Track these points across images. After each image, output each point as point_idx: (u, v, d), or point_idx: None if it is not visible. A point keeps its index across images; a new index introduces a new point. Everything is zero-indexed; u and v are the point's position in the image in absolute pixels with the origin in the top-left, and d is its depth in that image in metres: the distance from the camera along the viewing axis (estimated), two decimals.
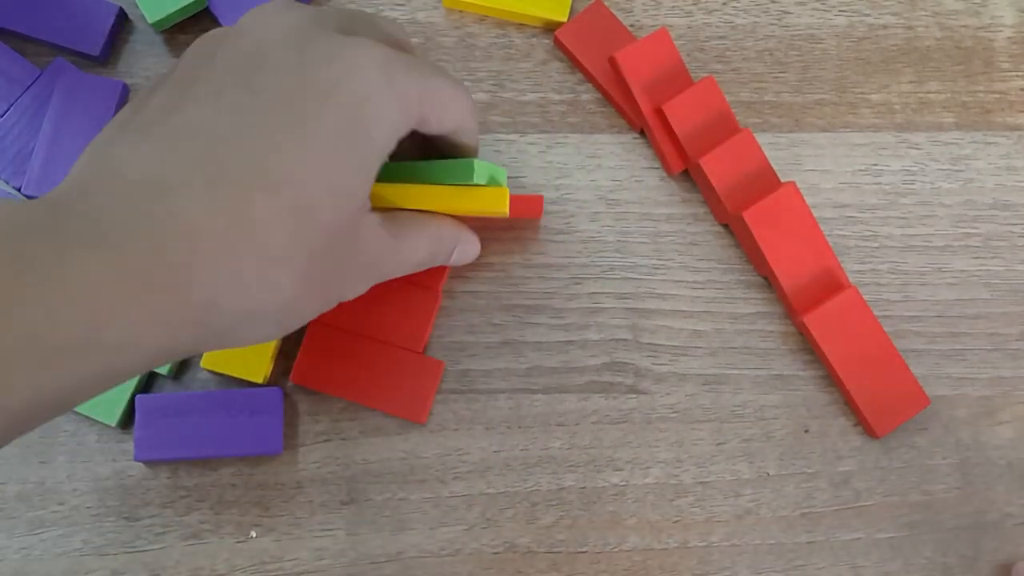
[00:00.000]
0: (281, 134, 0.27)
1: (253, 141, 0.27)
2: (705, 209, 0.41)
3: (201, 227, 0.26)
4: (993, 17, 0.44)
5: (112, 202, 0.26)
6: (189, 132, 0.27)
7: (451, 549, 0.37)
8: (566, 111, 0.42)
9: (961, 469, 0.39)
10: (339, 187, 0.28)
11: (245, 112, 0.28)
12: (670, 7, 0.43)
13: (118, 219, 0.26)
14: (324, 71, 0.28)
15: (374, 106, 0.29)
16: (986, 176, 0.42)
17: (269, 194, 0.27)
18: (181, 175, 0.26)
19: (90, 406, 0.37)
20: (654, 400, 0.39)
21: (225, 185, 0.27)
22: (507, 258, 0.40)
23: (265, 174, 0.27)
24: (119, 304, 0.25)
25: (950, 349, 0.40)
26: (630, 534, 0.38)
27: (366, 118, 0.29)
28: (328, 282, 0.30)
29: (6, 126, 0.39)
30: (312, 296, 0.30)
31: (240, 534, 0.37)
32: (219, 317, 0.27)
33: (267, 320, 0.29)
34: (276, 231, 0.27)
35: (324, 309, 0.31)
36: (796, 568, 0.38)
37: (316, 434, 0.38)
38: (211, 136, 0.27)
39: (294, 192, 0.27)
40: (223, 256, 0.26)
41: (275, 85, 0.28)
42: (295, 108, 0.28)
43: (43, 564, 0.36)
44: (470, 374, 0.39)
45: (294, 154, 0.27)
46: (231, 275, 0.27)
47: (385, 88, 0.29)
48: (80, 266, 0.24)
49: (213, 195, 0.26)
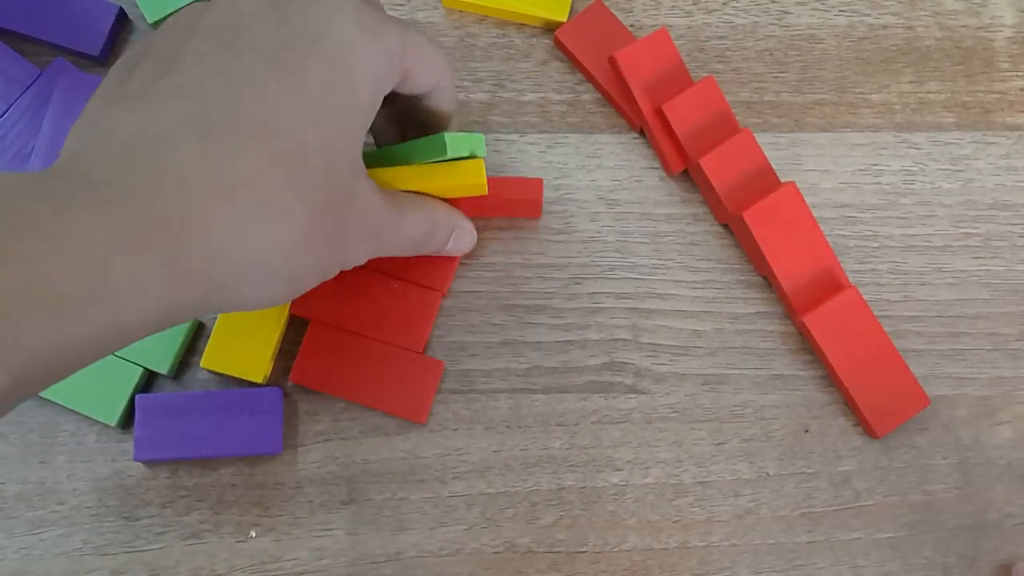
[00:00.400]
0: (267, 87, 0.28)
1: (240, 95, 0.28)
2: (705, 209, 0.41)
3: (194, 177, 0.26)
4: (993, 17, 0.44)
5: (104, 160, 0.26)
6: (177, 93, 0.28)
7: (451, 549, 0.37)
8: (566, 111, 0.42)
9: (961, 469, 0.39)
10: (329, 136, 0.29)
11: (231, 71, 0.28)
12: (670, 7, 0.43)
13: (111, 173, 0.26)
14: (304, 25, 0.29)
15: (357, 54, 0.29)
16: (986, 176, 0.42)
17: (260, 144, 0.27)
18: (172, 131, 0.27)
19: (90, 406, 0.37)
20: (654, 400, 0.39)
21: (216, 137, 0.27)
22: (507, 258, 0.40)
23: (255, 125, 0.27)
24: (119, 254, 0.25)
25: (950, 349, 0.40)
26: (630, 534, 0.38)
27: (350, 66, 0.29)
28: (329, 241, 0.30)
29: (6, 126, 0.39)
30: (314, 254, 0.29)
31: (240, 534, 0.37)
32: (222, 268, 0.27)
33: (271, 275, 0.28)
34: (271, 180, 0.27)
35: (326, 273, 0.31)
36: (796, 568, 0.38)
37: (316, 434, 0.38)
38: (199, 94, 0.28)
39: (285, 141, 0.28)
40: (219, 204, 0.26)
41: (258, 43, 0.28)
42: (279, 62, 0.28)
43: (43, 564, 0.36)
44: (470, 374, 0.39)
45: (282, 105, 0.28)
46: (229, 223, 0.27)
47: (367, 36, 0.30)
48: (76, 218, 0.24)
49: (205, 147, 0.27)
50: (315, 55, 0.29)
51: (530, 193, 0.39)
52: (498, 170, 0.41)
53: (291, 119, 0.28)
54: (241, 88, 0.28)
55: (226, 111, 0.27)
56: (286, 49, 0.28)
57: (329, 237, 0.30)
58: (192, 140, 0.27)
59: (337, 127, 0.29)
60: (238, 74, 0.28)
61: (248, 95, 0.28)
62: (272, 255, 0.28)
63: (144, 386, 0.38)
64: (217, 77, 0.28)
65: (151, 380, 0.38)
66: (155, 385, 0.38)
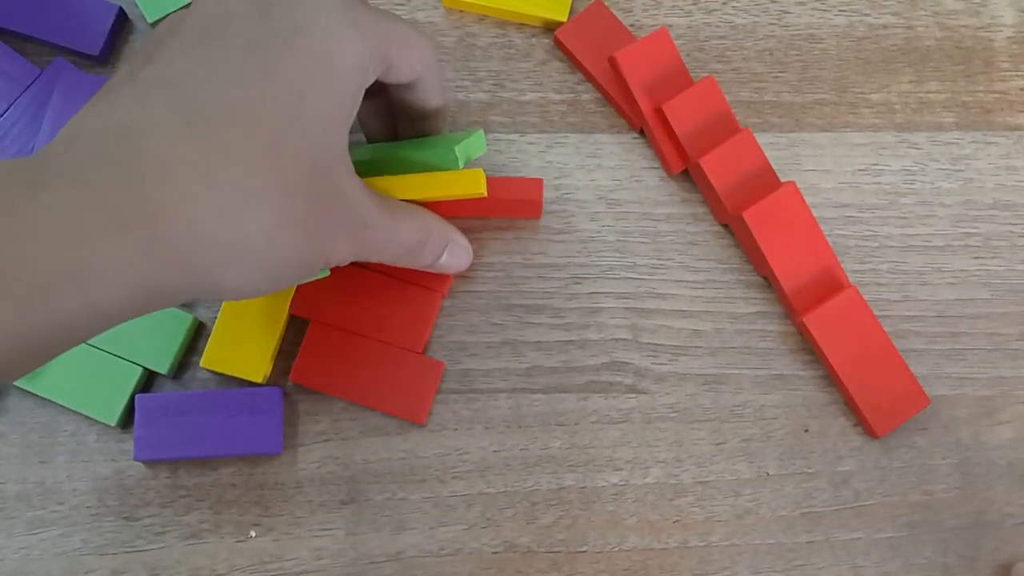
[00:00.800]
0: (249, 76, 0.28)
1: (222, 84, 0.28)
2: (705, 209, 0.41)
3: (175, 161, 0.26)
4: (993, 17, 0.44)
5: (84, 148, 0.26)
6: (159, 84, 0.28)
7: (451, 549, 0.37)
8: (566, 111, 0.42)
9: (961, 469, 0.39)
10: (310, 124, 0.29)
11: (212, 61, 0.28)
12: (670, 7, 0.43)
13: (90, 160, 0.26)
14: (287, 17, 0.29)
15: (339, 43, 0.29)
16: (986, 176, 0.42)
17: (242, 131, 0.27)
18: (153, 119, 0.27)
19: (90, 406, 0.37)
20: (654, 400, 0.39)
21: (198, 124, 0.27)
22: (507, 258, 0.40)
23: (237, 113, 0.28)
24: (96, 236, 0.25)
25: (950, 349, 0.40)
26: (630, 534, 0.38)
27: (331, 55, 0.29)
28: (311, 232, 0.30)
29: (6, 126, 0.39)
30: (295, 242, 0.29)
31: (240, 534, 0.37)
32: (202, 253, 0.27)
33: (251, 261, 0.28)
34: (251, 164, 0.27)
35: (307, 266, 0.30)
36: (796, 568, 0.38)
37: (316, 434, 0.38)
38: (181, 84, 0.28)
39: (265, 128, 0.28)
40: (201, 189, 0.26)
41: (240, 36, 0.29)
42: (261, 52, 0.28)
43: (43, 564, 0.36)
44: (470, 374, 0.39)
45: (263, 93, 0.28)
46: (210, 207, 0.27)
47: (349, 27, 0.30)
48: (52, 202, 0.25)
49: (187, 133, 0.27)
50: (296, 45, 0.29)
51: (530, 194, 0.39)
52: (498, 170, 0.41)
53: (272, 107, 0.28)
54: (223, 77, 0.28)
55: (207, 99, 0.27)
56: (268, 39, 0.29)
57: (311, 227, 0.29)
58: (173, 127, 0.27)
59: (319, 116, 0.29)
60: (220, 64, 0.28)
61: (229, 83, 0.28)
62: (253, 240, 0.28)
63: (144, 386, 0.38)
64: (199, 67, 0.28)
65: (151, 380, 0.38)
66: (155, 385, 0.38)
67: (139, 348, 0.37)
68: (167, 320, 0.38)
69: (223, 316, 0.37)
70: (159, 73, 0.28)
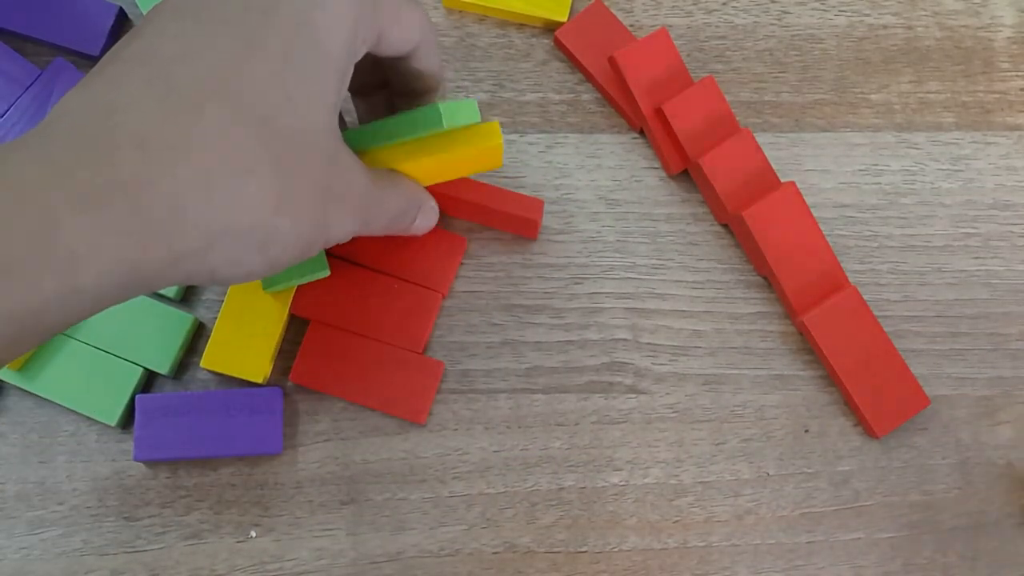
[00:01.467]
0: (228, 49, 0.27)
1: (201, 57, 0.27)
2: (705, 209, 0.41)
3: (151, 137, 0.26)
4: (993, 17, 0.44)
5: (59, 129, 0.26)
6: (136, 60, 0.27)
7: (451, 549, 0.37)
8: (566, 111, 0.42)
9: (961, 469, 0.39)
10: (296, 95, 0.28)
11: (190, 36, 0.27)
12: (670, 7, 0.43)
13: (64, 139, 0.25)
14: None
15: (323, 13, 0.29)
16: (986, 176, 0.42)
17: (222, 104, 0.27)
18: (130, 95, 0.26)
19: (90, 406, 0.37)
20: (654, 400, 0.39)
21: (176, 99, 0.26)
22: (507, 258, 0.40)
23: (216, 86, 0.27)
24: (67, 213, 0.24)
25: (950, 349, 0.40)
26: (630, 534, 0.38)
27: (316, 25, 0.28)
28: (307, 207, 0.29)
29: (6, 126, 0.39)
30: (290, 218, 0.28)
31: (240, 534, 0.37)
32: (186, 231, 0.26)
33: (241, 241, 0.27)
34: (235, 139, 0.27)
35: (308, 244, 0.30)
36: (796, 568, 0.38)
37: (316, 434, 0.38)
38: (158, 60, 0.27)
39: (249, 100, 0.27)
40: (180, 164, 0.26)
41: (220, 10, 0.28)
42: (241, 24, 0.28)
43: (43, 564, 0.36)
44: (470, 374, 0.39)
45: (244, 65, 0.27)
46: (192, 183, 0.26)
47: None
48: (20, 179, 0.24)
49: (163, 108, 0.26)
50: (278, 16, 0.28)
51: (529, 212, 0.39)
52: (498, 170, 0.41)
53: (254, 79, 0.27)
54: (201, 51, 0.27)
55: (186, 74, 0.27)
56: (246, 11, 0.28)
57: (307, 203, 0.29)
58: (151, 103, 0.26)
59: (304, 87, 0.28)
60: (198, 38, 0.27)
61: (208, 57, 0.27)
62: (241, 217, 0.27)
63: (144, 386, 0.38)
64: (176, 43, 0.27)
65: (151, 380, 0.38)
66: (155, 385, 0.38)
67: (139, 348, 0.37)
68: (167, 320, 0.38)
69: (223, 316, 0.37)
70: (137, 51, 0.27)
